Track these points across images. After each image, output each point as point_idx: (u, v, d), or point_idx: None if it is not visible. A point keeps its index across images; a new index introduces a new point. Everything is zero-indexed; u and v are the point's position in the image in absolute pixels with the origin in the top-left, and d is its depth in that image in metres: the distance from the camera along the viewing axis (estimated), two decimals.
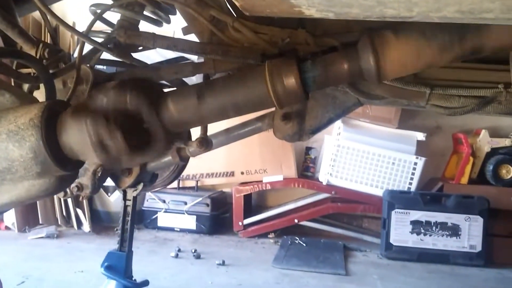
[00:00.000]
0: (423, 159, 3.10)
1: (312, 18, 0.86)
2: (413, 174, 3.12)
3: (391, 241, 2.98)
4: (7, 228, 3.33)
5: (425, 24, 0.96)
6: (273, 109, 1.33)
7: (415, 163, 3.11)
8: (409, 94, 1.26)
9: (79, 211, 3.38)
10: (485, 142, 3.16)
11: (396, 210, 2.96)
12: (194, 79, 1.36)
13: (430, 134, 3.37)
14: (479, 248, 2.92)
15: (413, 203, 2.97)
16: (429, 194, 3.08)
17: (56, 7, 1.40)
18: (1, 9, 1.15)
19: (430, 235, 2.96)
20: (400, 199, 2.98)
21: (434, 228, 2.95)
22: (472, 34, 0.99)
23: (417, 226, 2.96)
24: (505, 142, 3.15)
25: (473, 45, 1.00)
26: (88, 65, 1.28)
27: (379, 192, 3.14)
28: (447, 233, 2.94)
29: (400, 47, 1.01)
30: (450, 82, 1.26)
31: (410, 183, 3.13)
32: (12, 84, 1.28)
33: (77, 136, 1.00)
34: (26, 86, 1.30)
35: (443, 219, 2.94)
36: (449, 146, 3.39)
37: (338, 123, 3.17)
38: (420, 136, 3.16)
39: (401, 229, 2.98)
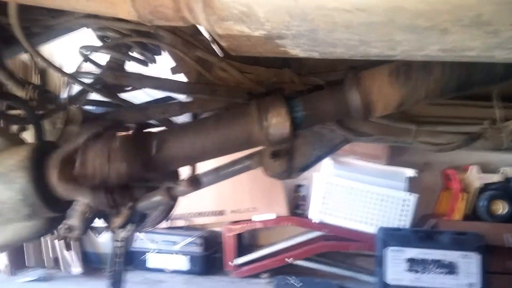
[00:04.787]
0: (415, 195, 3.09)
1: (297, 58, 0.87)
2: (405, 210, 3.10)
3: (387, 280, 2.91)
4: None
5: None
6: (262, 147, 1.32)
7: (407, 200, 3.09)
8: (397, 131, 1.27)
9: (68, 253, 3.30)
10: (474, 178, 3.16)
11: (391, 248, 2.92)
12: (181, 118, 1.36)
13: (420, 170, 3.37)
14: (478, 286, 2.85)
15: (407, 241, 2.92)
16: (423, 231, 3.04)
17: (44, 49, 1.42)
18: None
19: (427, 273, 2.90)
20: (394, 237, 2.94)
21: (430, 266, 2.90)
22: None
23: (413, 264, 2.91)
24: (493, 178, 3.16)
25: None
26: (77, 105, 1.28)
27: (371, 230, 3.10)
28: (444, 271, 2.88)
29: (386, 85, 1.02)
30: (437, 119, 1.27)
31: (403, 220, 3.10)
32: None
33: None
34: (15, 128, 1.29)
35: (438, 257, 2.89)
36: (440, 182, 3.39)
37: (327, 160, 3.17)
38: (411, 172, 3.17)
39: (396, 267, 2.91)
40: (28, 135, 1.26)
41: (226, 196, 3.34)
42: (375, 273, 3.02)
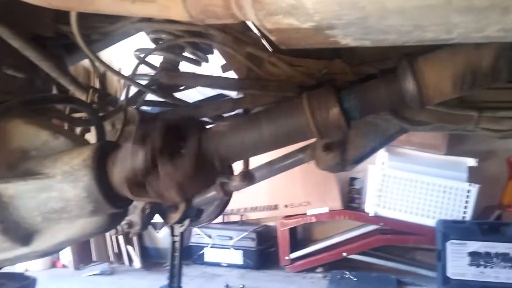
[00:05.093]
0: (477, 186, 2.94)
1: (348, 47, 0.85)
2: (467, 202, 2.96)
3: (448, 274, 2.80)
4: (63, 266, 3.45)
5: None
6: (314, 140, 1.32)
7: (468, 191, 2.96)
8: (456, 118, 1.21)
9: (129, 248, 3.46)
10: None
11: (452, 241, 2.80)
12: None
13: (483, 159, 3.20)
14: None
15: (469, 233, 2.80)
16: (486, 223, 2.89)
17: (103, 55, 1.50)
18: (54, 60, 1.23)
19: (491, 267, 2.76)
20: (455, 229, 2.82)
21: (494, 259, 2.75)
22: None
23: (476, 258, 2.78)
24: None
25: None
26: (134, 106, 1.34)
27: (431, 222, 2.99)
28: (510, 265, 2.73)
29: (442, 71, 0.99)
30: (500, 104, 1.20)
31: (465, 212, 2.97)
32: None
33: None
34: (78, 129, 1.38)
35: (504, 250, 2.74)
36: (505, 171, 3.21)
37: (382, 152, 3.10)
38: (472, 162, 3.02)
39: (458, 261, 2.80)
40: (90, 136, 1.34)
41: (279, 190, 3.36)
42: (436, 267, 2.92)
